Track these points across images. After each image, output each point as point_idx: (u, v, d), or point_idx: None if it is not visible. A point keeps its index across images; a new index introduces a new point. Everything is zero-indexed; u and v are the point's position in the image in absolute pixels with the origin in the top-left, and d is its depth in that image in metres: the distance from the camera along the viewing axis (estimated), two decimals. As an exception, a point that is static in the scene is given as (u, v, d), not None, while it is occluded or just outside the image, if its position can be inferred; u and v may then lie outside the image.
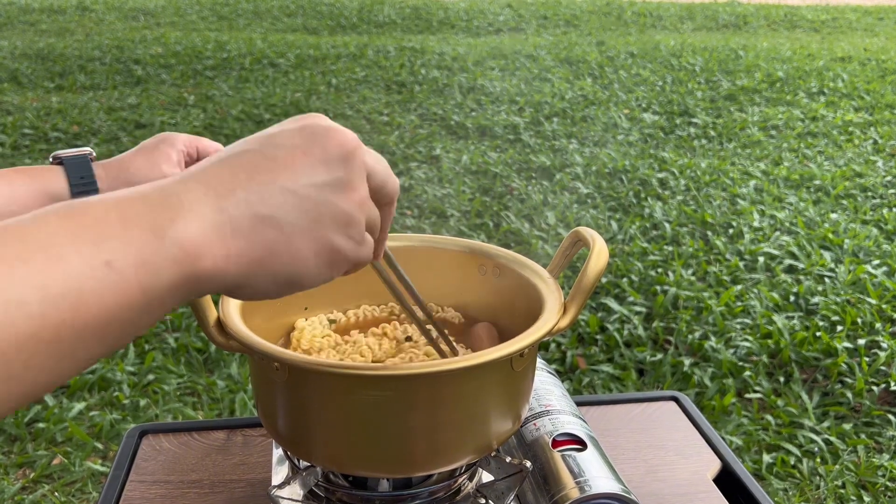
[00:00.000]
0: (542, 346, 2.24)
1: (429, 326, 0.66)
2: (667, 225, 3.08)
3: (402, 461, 0.57)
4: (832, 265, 2.77)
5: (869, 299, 2.53)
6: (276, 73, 5.68)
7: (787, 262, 2.81)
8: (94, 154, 0.77)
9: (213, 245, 0.40)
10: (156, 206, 0.39)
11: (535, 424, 0.70)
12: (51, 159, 0.77)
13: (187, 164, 0.80)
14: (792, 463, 1.88)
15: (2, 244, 0.34)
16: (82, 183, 0.74)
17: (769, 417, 2.04)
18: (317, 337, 0.69)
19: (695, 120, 4.65)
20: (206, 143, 0.82)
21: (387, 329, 0.71)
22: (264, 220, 0.41)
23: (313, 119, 0.46)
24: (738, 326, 2.41)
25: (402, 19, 8.41)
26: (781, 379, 2.20)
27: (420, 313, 0.66)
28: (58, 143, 4.10)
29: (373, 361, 0.66)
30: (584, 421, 0.72)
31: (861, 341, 2.32)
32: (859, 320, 2.43)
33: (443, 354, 0.66)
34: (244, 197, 0.41)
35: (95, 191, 0.75)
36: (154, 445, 0.81)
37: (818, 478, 1.85)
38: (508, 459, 0.65)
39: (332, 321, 0.73)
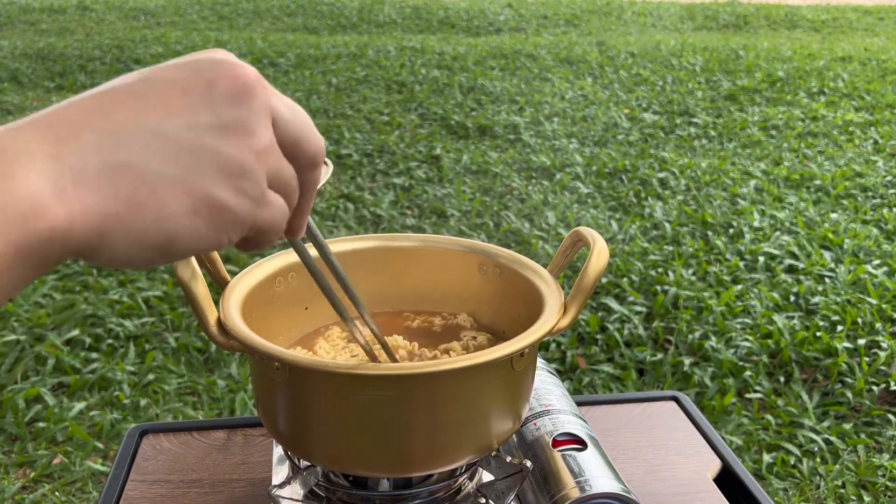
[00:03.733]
0: (542, 345, 2.24)
1: (365, 330, 0.61)
2: (667, 225, 3.08)
3: (402, 461, 0.57)
4: (832, 265, 2.77)
5: (869, 299, 2.53)
6: (276, 72, 5.67)
7: (788, 261, 2.81)
8: None
9: (48, 202, 0.32)
10: None
11: (535, 424, 0.70)
12: None
13: None
14: (792, 463, 1.88)
15: None
16: None
17: (769, 417, 2.04)
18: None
19: (695, 120, 4.65)
20: None
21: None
22: (118, 168, 0.33)
23: (208, 53, 0.37)
24: (739, 326, 2.41)
25: (403, 19, 8.41)
26: (781, 379, 2.20)
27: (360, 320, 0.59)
28: (58, 142, 4.10)
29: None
30: (584, 421, 0.72)
31: (861, 341, 2.32)
32: (859, 320, 2.43)
33: (374, 359, 0.60)
34: (93, 140, 0.33)
35: None
36: (154, 445, 0.81)
37: (818, 477, 1.85)
38: (509, 459, 0.65)
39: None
